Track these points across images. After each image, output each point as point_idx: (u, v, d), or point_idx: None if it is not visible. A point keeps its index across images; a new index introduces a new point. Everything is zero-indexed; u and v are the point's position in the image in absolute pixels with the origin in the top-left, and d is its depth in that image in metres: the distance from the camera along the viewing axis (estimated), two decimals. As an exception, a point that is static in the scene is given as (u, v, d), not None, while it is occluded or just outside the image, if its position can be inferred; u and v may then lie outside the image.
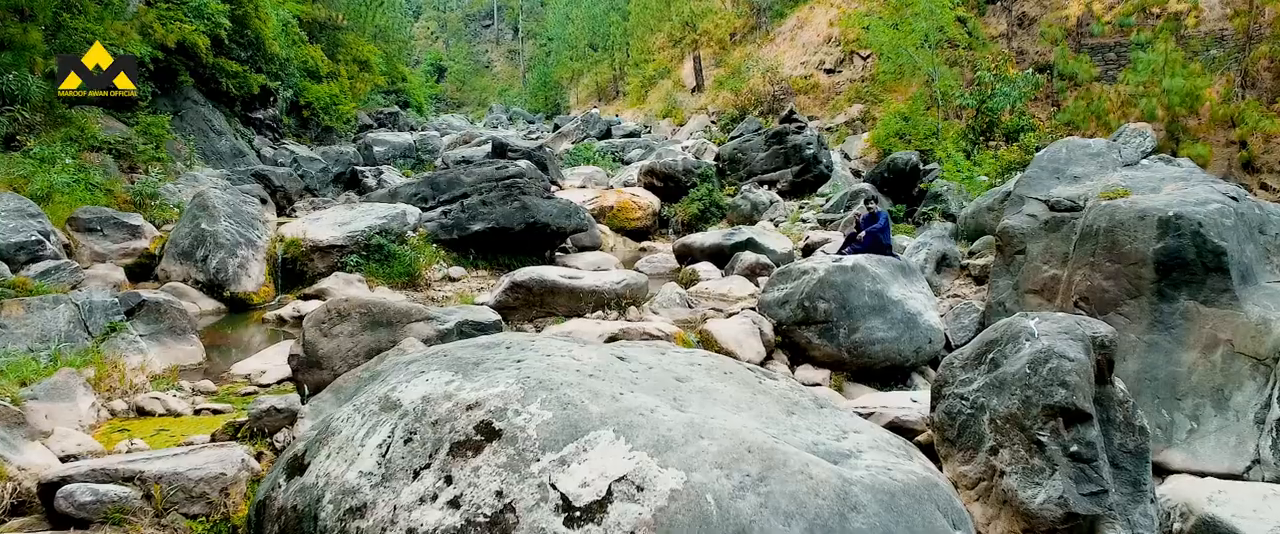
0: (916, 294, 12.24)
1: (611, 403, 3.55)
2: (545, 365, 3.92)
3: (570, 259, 17.44)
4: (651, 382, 3.94)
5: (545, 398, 3.57)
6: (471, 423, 3.46)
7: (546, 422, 3.44)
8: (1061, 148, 13.63)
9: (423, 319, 6.99)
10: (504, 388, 3.66)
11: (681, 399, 3.78)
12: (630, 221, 22.61)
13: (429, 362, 4.10)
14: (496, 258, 16.41)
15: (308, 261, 13.87)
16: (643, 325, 10.70)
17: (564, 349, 4.21)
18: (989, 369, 7.82)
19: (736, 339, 10.69)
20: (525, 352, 4.17)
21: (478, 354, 4.15)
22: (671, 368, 4.23)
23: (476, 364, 3.99)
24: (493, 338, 4.38)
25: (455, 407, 3.57)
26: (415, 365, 4.08)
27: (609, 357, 4.23)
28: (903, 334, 11.33)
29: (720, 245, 15.62)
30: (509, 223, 15.72)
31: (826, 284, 11.00)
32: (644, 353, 4.43)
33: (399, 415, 3.66)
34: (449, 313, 7.36)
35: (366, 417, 3.79)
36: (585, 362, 4.03)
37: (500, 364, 3.97)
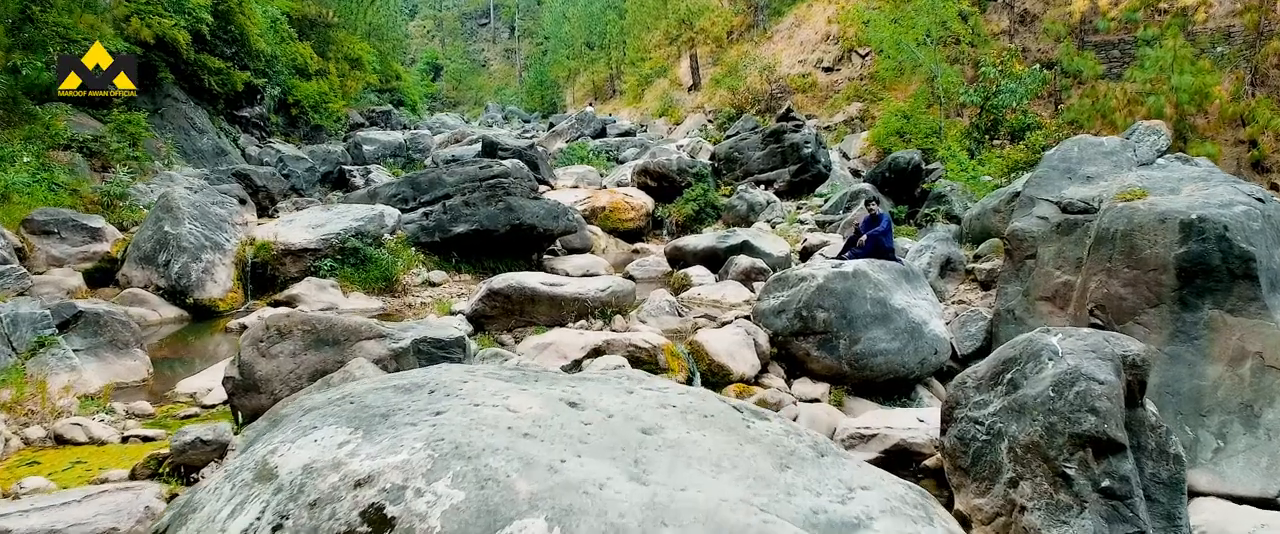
0: (921, 301, 11.45)
1: (548, 477, 2.73)
2: (468, 421, 3.08)
3: (559, 262, 16.64)
4: (609, 438, 3.12)
5: (460, 471, 2.74)
6: (358, 508, 2.63)
7: (456, 507, 2.61)
8: (1073, 146, 12.83)
9: (374, 337, 6.20)
10: (408, 455, 2.83)
11: (646, 462, 2.97)
12: (623, 223, 21.83)
13: (326, 413, 3.27)
14: (480, 261, 15.61)
15: (279, 266, 13.06)
16: (628, 336, 9.90)
17: (499, 395, 3.39)
18: (1007, 391, 7.05)
19: (729, 351, 9.90)
20: (449, 399, 3.34)
21: (389, 401, 3.33)
22: (637, 414, 3.42)
23: (384, 416, 3.16)
24: (415, 377, 3.57)
25: (342, 482, 2.73)
26: (310, 417, 3.26)
27: (556, 403, 3.40)
28: (907, 345, 10.54)
29: (714, 249, 14.81)
30: (493, 225, 14.92)
31: (826, 292, 10.20)
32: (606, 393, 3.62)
33: (273, 490, 2.83)
34: (405, 329, 6.57)
35: (236, 489, 2.97)
36: (523, 413, 3.20)
37: (413, 418, 3.15)
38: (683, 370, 9.73)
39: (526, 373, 3.90)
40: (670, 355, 9.76)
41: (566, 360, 9.64)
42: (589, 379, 4.00)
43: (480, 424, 3.03)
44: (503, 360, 7.92)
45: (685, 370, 9.75)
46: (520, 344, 10.28)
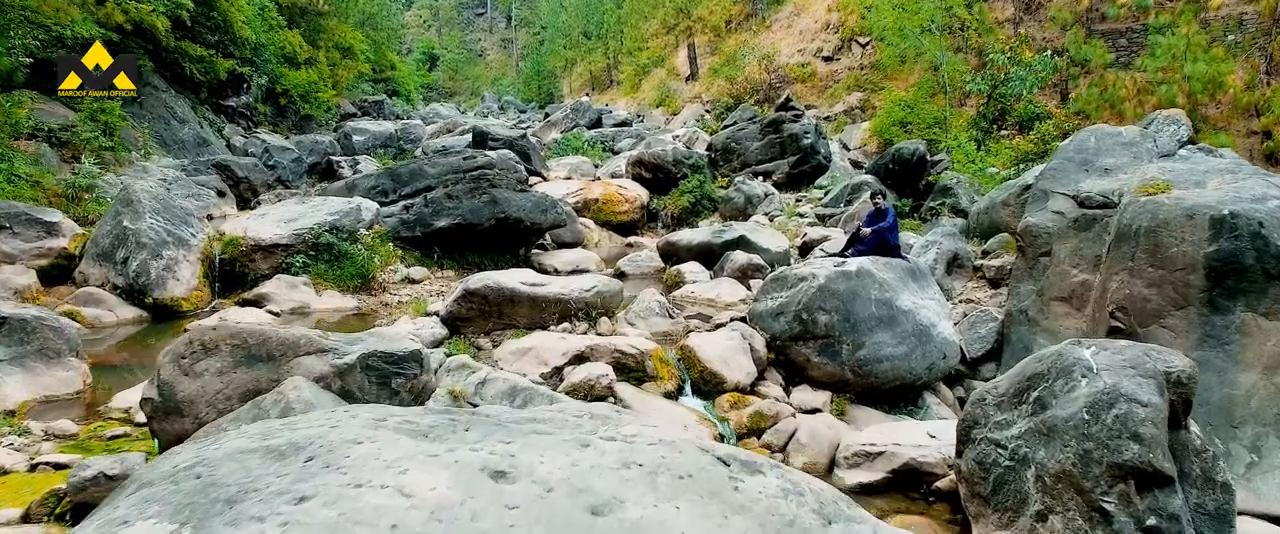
0: (928, 302, 10.64)
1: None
2: (335, 516, 2.22)
3: (548, 257, 15.83)
4: (542, 527, 2.32)
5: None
6: None
7: None
8: (1089, 137, 12.01)
9: (315, 352, 5.40)
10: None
11: (592, 565, 2.19)
12: (617, 215, 21.01)
13: (154, 495, 2.41)
14: (464, 257, 14.81)
15: (249, 263, 12.26)
16: (614, 341, 9.10)
17: (397, 466, 2.53)
18: (1033, 411, 6.25)
19: (723, 357, 9.09)
20: (326, 473, 2.50)
21: (248, 475, 2.48)
22: (589, 482, 2.60)
23: (230, 503, 2.31)
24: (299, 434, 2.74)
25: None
26: (130, 502, 2.42)
27: (474, 477, 2.53)
28: (914, 349, 9.74)
29: (709, 244, 13.99)
30: (477, 219, 14.10)
31: (827, 293, 9.39)
32: (551, 452, 2.79)
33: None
34: (352, 342, 5.76)
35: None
36: (421, 498, 2.35)
37: (265, 507, 2.28)
38: (673, 378, 8.94)
39: (455, 422, 3.10)
40: (659, 362, 8.95)
41: (546, 367, 8.85)
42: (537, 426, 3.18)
43: (358, 517, 2.21)
44: (469, 373, 7.11)
45: (675, 378, 8.96)
46: (498, 349, 9.48)
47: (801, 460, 7.90)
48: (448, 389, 6.75)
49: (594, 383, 8.20)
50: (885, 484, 7.43)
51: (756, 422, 8.38)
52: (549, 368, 8.85)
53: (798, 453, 7.97)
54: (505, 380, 6.72)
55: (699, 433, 7.86)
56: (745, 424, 8.35)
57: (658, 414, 7.97)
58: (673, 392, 8.79)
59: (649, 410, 8.00)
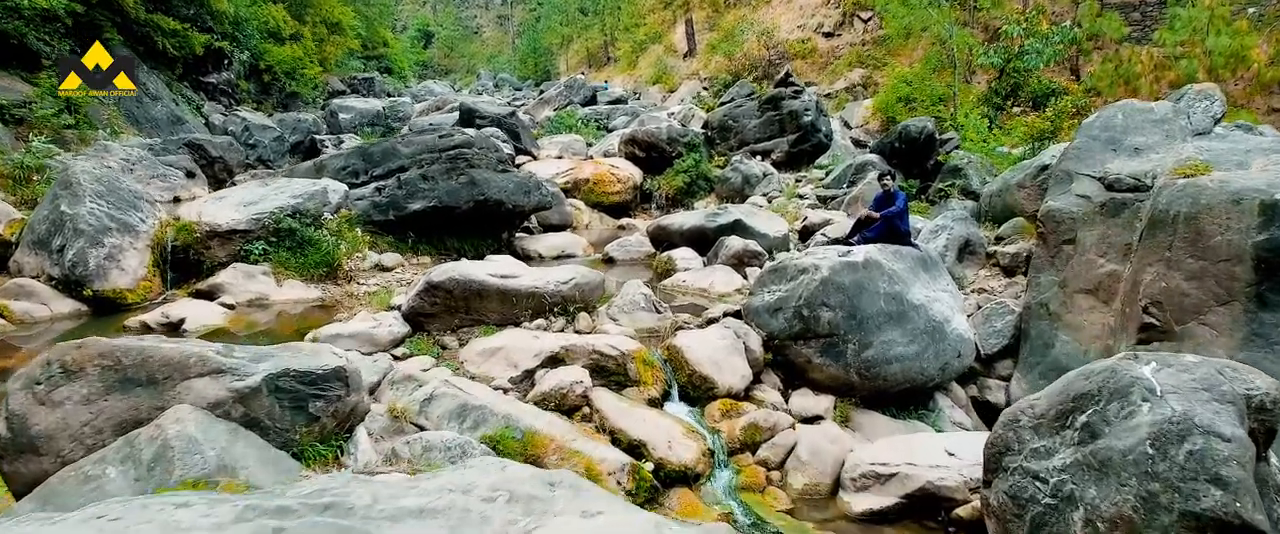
0: (941, 294, 9.60)
1: None
2: None
3: (532, 242, 14.76)
4: None
5: None
6: None
7: None
8: (1116, 113, 10.90)
9: (209, 373, 4.36)
10: None
11: None
12: (608, 196, 19.91)
13: None
14: (442, 241, 13.74)
15: (205, 250, 11.18)
16: (593, 340, 8.06)
17: None
18: (1080, 439, 5.20)
19: (714, 359, 8.05)
20: None
21: None
22: None
23: None
24: None
25: None
26: None
27: None
28: (926, 348, 8.71)
29: (702, 228, 12.91)
30: (454, 201, 13.02)
31: (831, 287, 8.33)
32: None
33: None
34: (260, 358, 4.69)
35: None
36: None
37: None
38: (658, 382, 7.90)
39: (263, 503, 2.10)
40: (642, 364, 7.92)
41: (516, 370, 7.82)
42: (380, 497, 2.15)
43: None
44: (415, 387, 6.05)
45: (661, 382, 7.92)
46: (465, 347, 8.45)
47: (802, 481, 6.89)
48: (388, 407, 5.72)
49: (566, 391, 7.17)
50: (897, 511, 6.42)
51: (751, 434, 7.35)
52: (519, 371, 7.83)
53: (797, 472, 6.95)
54: (454, 398, 5.68)
55: (687, 447, 6.85)
56: (738, 437, 7.33)
57: (640, 425, 6.95)
58: (657, 398, 7.76)
59: (629, 421, 6.98)
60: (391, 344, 8.28)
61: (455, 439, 4.96)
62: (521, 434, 5.48)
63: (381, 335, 8.18)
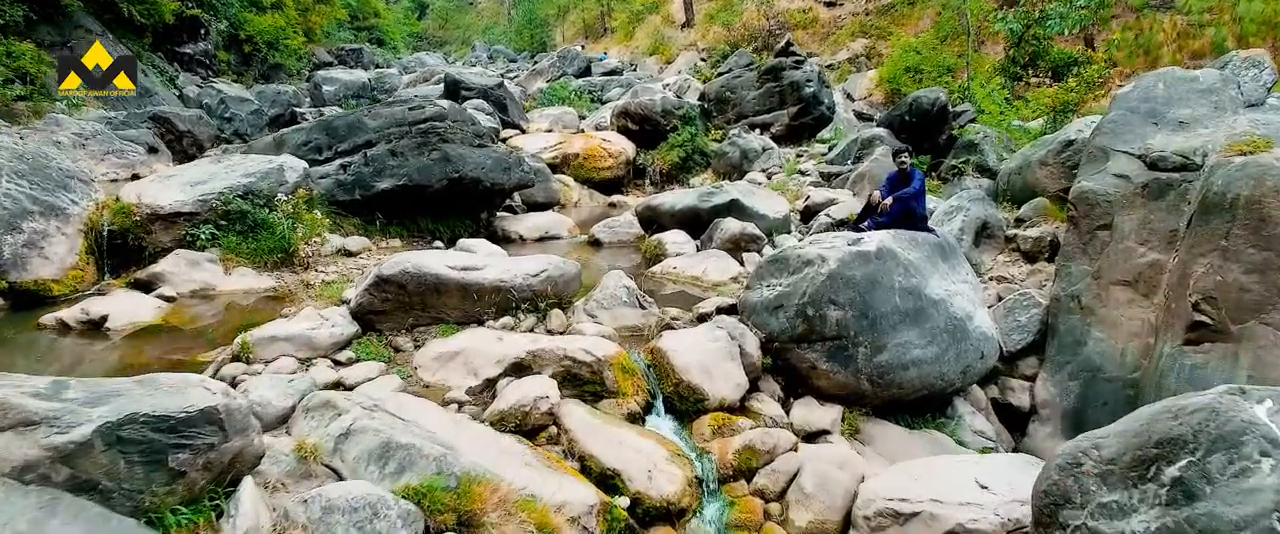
0: (961, 286, 8.44)
1: None
2: None
3: (513, 222, 13.58)
4: None
5: None
6: None
7: None
8: (1156, 82, 9.66)
9: (13, 426, 3.19)
10: None
11: None
12: (599, 172, 18.70)
13: None
14: (414, 222, 12.56)
15: (146, 234, 10.00)
16: (565, 343, 6.91)
17: None
18: (1170, 499, 4.03)
19: (704, 365, 6.91)
20: None
21: None
22: None
23: None
24: None
25: None
26: None
27: None
28: (947, 350, 7.57)
29: (695, 209, 11.71)
30: (425, 179, 11.83)
31: (840, 281, 7.16)
32: None
33: None
34: (98, 399, 3.47)
35: None
36: None
37: None
38: (639, 392, 6.77)
39: None
40: (621, 372, 6.78)
41: (475, 379, 6.69)
42: None
43: None
44: (332, 418, 4.86)
45: (642, 392, 6.79)
46: (420, 351, 7.31)
47: (806, 517, 5.76)
48: (297, 444, 4.57)
49: (529, 409, 6.03)
50: (924, 557, 5.30)
51: (746, 459, 6.22)
52: (479, 380, 6.70)
53: (801, 505, 5.83)
54: (376, 435, 4.52)
55: (670, 476, 5.73)
56: (731, 462, 6.20)
57: (615, 448, 5.83)
58: (639, 412, 6.63)
59: (603, 443, 5.85)
60: (335, 347, 7.14)
61: (366, 496, 3.83)
62: (457, 481, 4.35)
63: (322, 338, 7.03)
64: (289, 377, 5.51)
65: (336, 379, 6.63)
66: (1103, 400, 8.52)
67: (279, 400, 5.23)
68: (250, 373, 6.52)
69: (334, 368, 6.85)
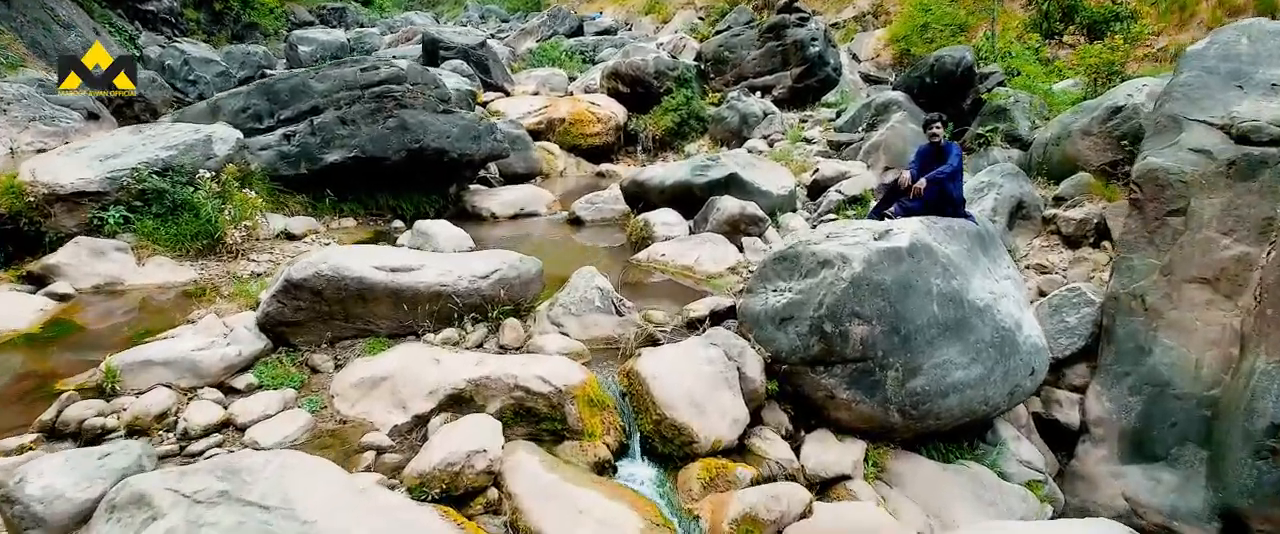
0: (1006, 285, 6.88)
1: None
2: None
3: (486, 197, 11.94)
4: None
5: None
6: None
7: None
8: (1239, 37, 7.97)
9: None
10: None
11: None
12: (587, 138, 17.01)
13: None
14: (372, 199, 10.95)
15: (44, 219, 8.40)
16: (515, 368, 5.36)
17: None
18: None
19: (692, 396, 5.36)
20: None
21: None
22: None
23: None
24: None
25: None
26: None
27: None
28: (993, 368, 6.04)
29: (688, 184, 10.06)
30: (381, 150, 10.18)
31: (866, 288, 5.57)
32: None
33: None
34: None
35: None
36: None
37: None
38: (611, 431, 5.26)
39: None
40: (588, 406, 5.24)
41: (404, 416, 5.19)
42: None
43: None
44: (146, 521, 3.30)
45: (615, 431, 5.27)
46: (342, 372, 5.77)
47: (827, 619, 4.27)
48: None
49: (460, 467, 4.49)
50: None
51: (747, 529, 4.70)
52: (408, 416, 5.19)
53: (820, 601, 4.33)
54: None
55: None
56: (727, 532, 4.68)
57: (574, 523, 4.31)
58: (608, 459, 5.11)
59: (559, 517, 4.34)
60: (230, 371, 5.59)
61: None
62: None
63: (210, 362, 5.47)
64: (100, 455, 3.90)
65: (224, 418, 5.10)
66: (1171, 420, 7.01)
67: (76, 490, 3.68)
68: (107, 413, 4.97)
69: (224, 400, 5.32)
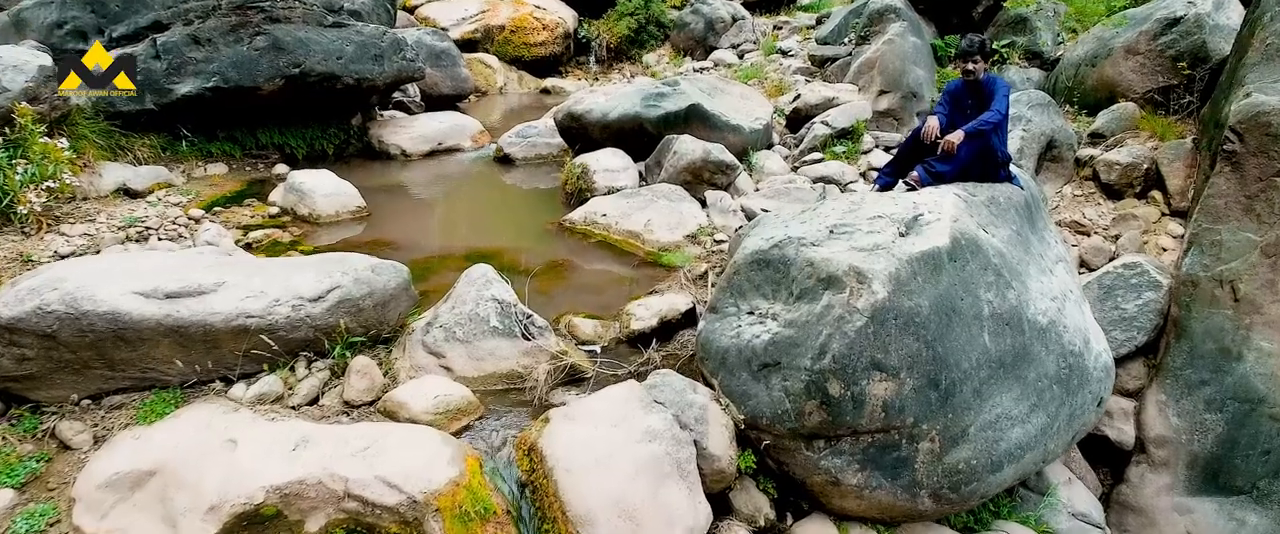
0: (1060, 272, 4.91)
1: None
2: None
3: (396, 130, 9.58)
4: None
5: None
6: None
7: None
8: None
9: None
10: None
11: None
12: (531, 48, 14.56)
13: None
14: (250, 136, 8.58)
15: None
16: (354, 455, 3.31)
17: None
18: None
19: (620, 503, 3.43)
20: None
21: None
22: None
23: None
24: None
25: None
26: None
27: None
28: (1058, 412, 4.19)
29: (638, 119, 7.79)
30: (249, 78, 7.77)
31: (895, 325, 3.52)
32: None
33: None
34: None
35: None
36: None
37: None
38: (500, 558, 3.26)
39: None
40: (461, 524, 3.23)
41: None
42: None
43: None
44: None
45: (506, 559, 3.28)
46: (96, 458, 3.67)
47: None
48: None
49: None
50: None
51: None
52: (175, 548, 3.14)
53: None
54: None
55: None
56: None
57: None
58: (494, 611, 3.15)
59: None
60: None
61: None
62: None
63: None
64: None
65: None
66: (1263, 447, 5.25)
67: None
68: None
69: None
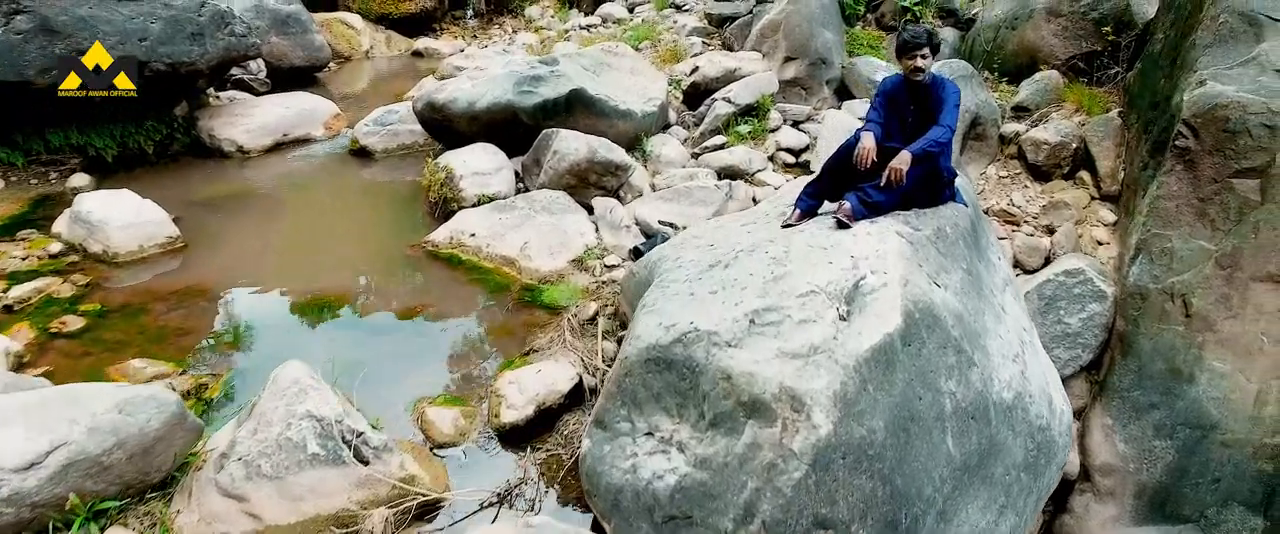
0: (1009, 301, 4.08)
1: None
2: None
3: (229, 119, 7.94)
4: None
5: None
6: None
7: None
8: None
9: None
10: None
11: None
12: (400, 5, 12.97)
13: None
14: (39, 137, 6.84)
15: None
16: None
17: None
18: None
19: None
20: None
21: None
22: None
23: None
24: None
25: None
26: None
27: None
28: (1026, 499, 3.40)
29: (511, 109, 6.46)
30: (14, 70, 6.09)
31: (845, 465, 2.59)
32: None
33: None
34: None
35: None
36: None
37: None
38: None
39: None
40: None
41: None
42: None
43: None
44: None
45: None
46: None
47: None
48: None
49: None
50: None
51: None
52: None
53: None
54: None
55: None
56: None
57: None
58: None
59: None
60: None
61: None
62: None
63: None
64: None
65: None
66: (1213, 475, 4.70)
67: None
68: None
69: None
